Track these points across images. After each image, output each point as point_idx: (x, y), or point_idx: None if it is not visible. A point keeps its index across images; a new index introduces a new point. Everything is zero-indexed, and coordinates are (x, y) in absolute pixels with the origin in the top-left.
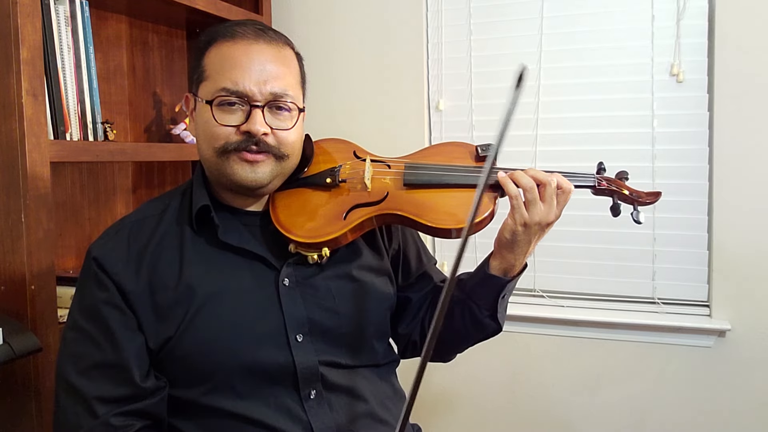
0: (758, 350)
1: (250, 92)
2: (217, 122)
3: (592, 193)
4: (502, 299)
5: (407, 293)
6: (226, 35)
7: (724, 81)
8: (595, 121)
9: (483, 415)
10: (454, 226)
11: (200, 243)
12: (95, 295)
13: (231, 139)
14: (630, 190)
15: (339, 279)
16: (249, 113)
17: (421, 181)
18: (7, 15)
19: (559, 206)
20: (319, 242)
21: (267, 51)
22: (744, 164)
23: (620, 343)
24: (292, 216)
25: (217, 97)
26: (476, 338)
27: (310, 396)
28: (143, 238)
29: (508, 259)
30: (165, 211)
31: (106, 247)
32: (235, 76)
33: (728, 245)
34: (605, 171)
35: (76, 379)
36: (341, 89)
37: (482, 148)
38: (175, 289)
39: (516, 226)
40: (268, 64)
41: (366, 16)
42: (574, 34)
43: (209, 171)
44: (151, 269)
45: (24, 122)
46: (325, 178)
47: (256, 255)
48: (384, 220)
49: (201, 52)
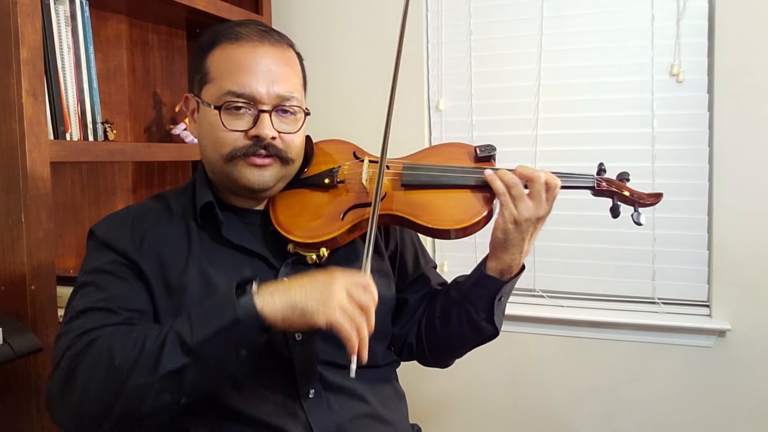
0: (758, 350)
1: (258, 95)
2: (225, 127)
3: (592, 195)
4: (498, 302)
5: (404, 294)
6: (230, 37)
7: (724, 81)
8: (595, 121)
9: (483, 415)
10: (452, 226)
11: (204, 238)
12: (101, 259)
13: (238, 144)
14: (631, 192)
15: None
16: (257, 118)
17: (419, 181)
18: (7, 15)
19: (548, 202)
20: (316, 242)
21: (272, 53)
22: (744, 164)
23: (620, 343)
24: (291, 216)
25: (225, 102)
26: (474, 342)
27: (309, 395)
28: (148, 224)
29: (503, 260)
30: (167, 206)
31: (110, 229)
32: (242, 79)
33: (728, 245)
34: (606, 172)
35: (82, 310)
36: (341, 89)
37: (481, 148)
38: (181, 277)
39: (506, 224)
40: (274, 66)
41: (366, 16)
42: (574, 34)
43: (213, 173)
44: (158, 256)
45: (24, 122)
46: (323, 178)
47: (255, 254)
48: (382, 221)
49: (203, 53)
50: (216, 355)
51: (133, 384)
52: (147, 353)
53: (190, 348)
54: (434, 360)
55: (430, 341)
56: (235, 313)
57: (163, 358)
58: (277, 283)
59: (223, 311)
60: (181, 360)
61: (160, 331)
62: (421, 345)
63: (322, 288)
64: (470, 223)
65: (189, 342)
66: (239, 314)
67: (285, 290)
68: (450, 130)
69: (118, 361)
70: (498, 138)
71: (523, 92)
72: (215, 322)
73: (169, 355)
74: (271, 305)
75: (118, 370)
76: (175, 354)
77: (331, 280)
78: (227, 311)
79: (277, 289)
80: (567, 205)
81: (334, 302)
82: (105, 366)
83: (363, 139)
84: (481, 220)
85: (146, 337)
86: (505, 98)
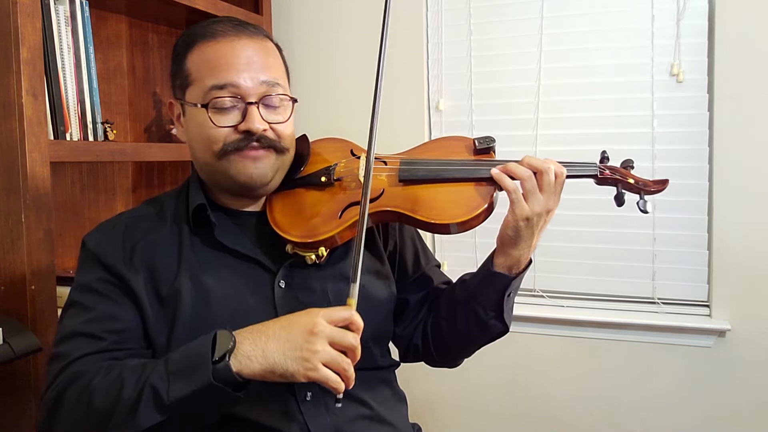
0: (758, 350)
1: (243, 86)
2: (213, 124)
3: (595, 183)
4: (507, 298)
5: (404, 295)
6: (206, 35)
7: (724, 81)
8: (595, 121)
9: (483, 415)
10: (452, 220)
11: (197, 243)
12: (90, 275)
13: (229, 139)
14: (636, 179)
15: (336, 281)
16: (245, 111)
17: (417, 176)
18: (7, 15)
19: (557, 193)
20: (314, 242)
21: (250, 45)
22: (744, 164)
23: (620, 343)
24: (288, 216)
25: (211, 99)
26: (482, 341)
27: (306, 398)
28: (138, 235)
29: (512, 255)
30: (161, 211)
31: (102, 241)
32: (224, 73)
33: (728, 245)
34: (609, 160)
35: (69, 333)
36: (341, 89)
37: (480, 140)
38: (173, 285)
39: (518, 221)
40: (255, 57)
41: (366, 16)
42: (574, 34)
43: (206, 174)
44: (148, 266)
45: (24, 122)
46: (320, 177)
47: (251, 258)
48: (380, 217)
49: (181, 56)
50: (192, 412)
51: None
52: (124, 404)
53: (165, 406)
54: (442, 360)
55: (437, 342)
56: (209, 378)
57: (138, 413)
58: (254, 332)
59: (199, 372)
60: (157, 418)
61: (138, 378)
62: (428, 346)
63: (302, 344)
64: (470, 216)
65: (164, 400)
66: (214, 378)
67: (262, 352)
68: (450, 130)
69: (97, 404)
70: (498, 138)
71: (523, 92)
72: (191, 382)
73: (145, 411)
74: (249, 368)
75: (98, 414)
76: (150, 412)
77: (311, 331)
78: (202, 374)
79: (255, 350)
80: (567, 205)
81: (315, 360)
82: (85, 407)
83: (363, 138)
84: (481, 213)
85: (123, 381)
86: (505, 98)
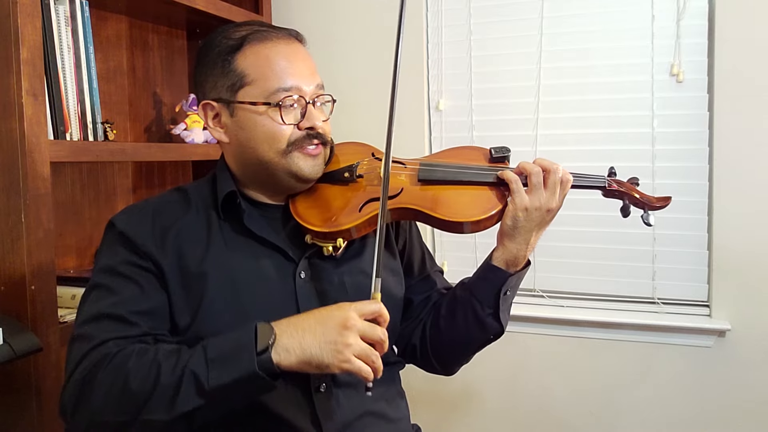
0: (758, 350)
1: (305, 89)
2: (283, 122)
3: (603, 195)
4: (504, 296)
5: (409, 294)
6: (259, 38)
7: (724, 81)
8: (595, 121)
9: (483, 415)
10: (466, 219)
11: (226, 228)
12: (116, 257)
13: (294, 136)
14: (641, 195)
15: (354, 274)
16: (305, 110)
17: (436, 177)
18: (7, 15)
19: (560, 196)
20: (333, 232)
21: (301, 49)
22: (744, 164)
23: (620, 343)
24: (310, 208)
25: (284, 98)
26: (478, 340)
27: (320, 389)
28: (167, 218)
29: (510, 249)
30: (187, 198)
31: (132, 222)
32: (289, 76)
33: (728, 245)
34: (616, 175)
35: (96, 315)
36: (341, 89)
37: (496, 150)
38: (200, 268)
39: (516, 210)
40: (307, 61)
41: (366, 17)
42: (574, 34)
43: (265, 171)
44: (177, 248)
45: (24, 122)
46: (343, 173)
47: (275, 246)
48: (398, 214)
49: (228, 59)
50: (230, 399)
51: (148, 416)
52: (162, 388)
53: (205, 391)
54: (438, 362)
55: (434, 341)
56: (253, 367)
57: (178, 398)
58: (291, 326)
59: (243, 361)
60: (196, 402)
61: (176, 364)
62: (425, 346)
63: (336, 337)
64: (485, 216)
65: (205, 386)
66: (257, 369)
67: (300, 345)
68: (450, 130)
69: (133, 387)
70: (498, 138)
71: (523, 92)
72: (232, 371)
73: (185, 396)
74: (287, 360)
75: (134, 397)
76: (191, 396)
77: (344, 325)
78: (245, 363)
79: (293, 343)
80: (567, 205)
81: (348, 353)
82: (120, 389)
83: (363, 138)
84: (495, 215)
85: (160, 366)
86: (505, 98)
